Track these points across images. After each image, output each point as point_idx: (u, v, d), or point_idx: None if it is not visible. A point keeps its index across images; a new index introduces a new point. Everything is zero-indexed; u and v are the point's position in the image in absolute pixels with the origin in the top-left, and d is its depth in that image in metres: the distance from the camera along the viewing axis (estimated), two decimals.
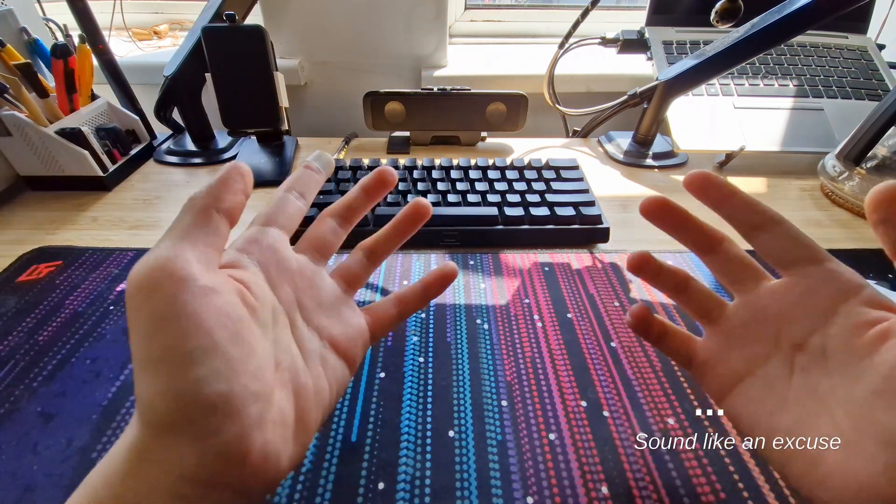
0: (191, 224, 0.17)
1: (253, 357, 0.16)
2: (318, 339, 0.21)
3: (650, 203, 0.21)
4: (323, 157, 0.24)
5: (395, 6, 0.63)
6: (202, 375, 0.14)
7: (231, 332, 0.16)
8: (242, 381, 0.15)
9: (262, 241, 0.20)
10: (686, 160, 0.55)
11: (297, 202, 0.22)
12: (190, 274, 0.15)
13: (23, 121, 0.42)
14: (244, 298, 0.17)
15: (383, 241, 0.24)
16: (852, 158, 0.45)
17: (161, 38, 0.80)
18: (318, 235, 0.23)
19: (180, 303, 0.15)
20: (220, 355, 0.15)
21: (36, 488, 0.22)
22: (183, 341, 0.14)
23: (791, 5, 0.43)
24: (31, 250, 0.38)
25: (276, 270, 0.20)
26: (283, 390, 0.18)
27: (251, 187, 0.19)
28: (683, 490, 0.22)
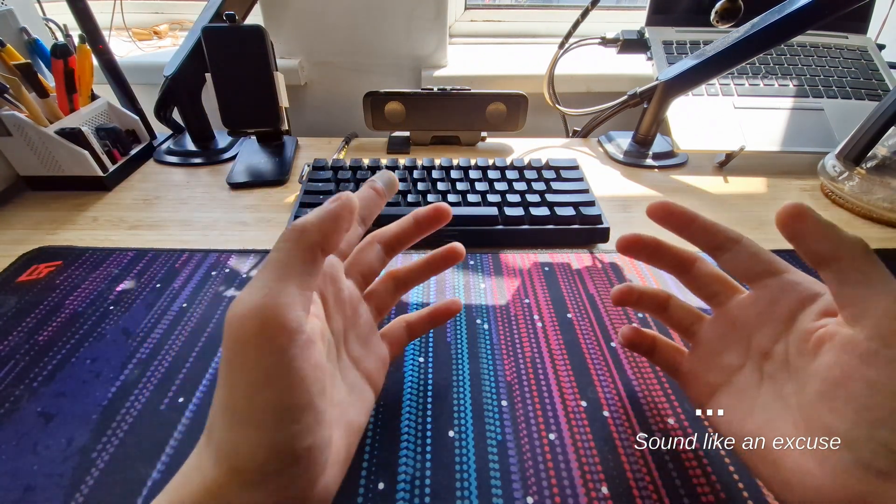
0: (297, 262, 0.16)
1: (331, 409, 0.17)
2: (356, 370, 0.21)
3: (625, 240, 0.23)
4: (387, 178, 0.22)
5: (395, 6, 0.63)
6: (297, 431, 0.14)
7: (321, 385, 0.16)
8: (324, 432, 0.16)
9: (324, 271, 0.20)
10: (686, 160, 0.55)
11: (357, 228, 0.22)
12: (298, 325, 0.15)
13: (23, 121, 0.42)
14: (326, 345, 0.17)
15: (416, 272, 0.25)
16: (852, 158, 0.45)
17: (161, 38, 0.80)
18: (367, 262, 0.23)
19: (289, 358, 0.14)
20: (313, 411, 0.15)
21: (36, 488, 0.22)
22: (288, 397, 0.14)
23: (791, 5, 0.43)
24: (31, 250, 0.38)
25: (333, 301, 0.20)
26: (338, 430, 0.18)
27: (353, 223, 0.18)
28: (683, 490, 0.22)
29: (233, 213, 0.45)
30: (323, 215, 0.16)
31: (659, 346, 0.24)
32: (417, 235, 0.24)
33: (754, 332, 0.20)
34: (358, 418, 0.19)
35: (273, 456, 0.14)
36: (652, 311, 0.24)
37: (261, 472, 0.14)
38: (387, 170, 0.24)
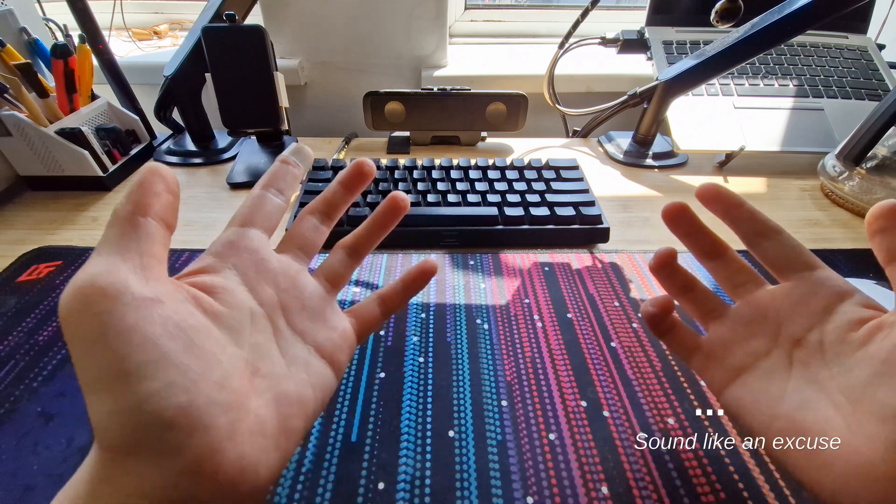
0: (118, 236, 0.15)
1: (216, 366, 0.15)
2: (303, 343, 0.20)
3: (672, 209, 0.22)
4: (301, 151, 0.23)
5: (395, 6, 0.63)
6: (153, 390, 0.13)
7: (184, 342, 0.15)
8: (205, 391, 0.14)
9: (240, 243, 0.20)
10: (686, 160, 0.55)
11: (274, 199, 0.21)
12: (124, 286, 0.14)
13: (23, 121, 0.42)
14: (201, 304, 0.17)
15: (364, 238, 0.24)
16: (852, 158, 0.45)
17: (161, 38, 0.80)
18: (300, 234, 0.22)
19: (117, 317, 0.14)
20: (173, 367, 0.14)
21: (36, 488, 0.22)
22: (126, 357, 0.13)
23: (791, 5, 0.43)
24: (31, 250, 0.38)
25: (256, 272, 0.19)
26: (261, 398, 0.17)
27: (176, 185, 0.17)
28: (683, 490, 0.22)
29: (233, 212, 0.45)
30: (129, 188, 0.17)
31: (677, 327, 0.24)
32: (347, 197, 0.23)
33: (785, 321, 0.20)
34: (298, 390, 0.18)
35: (129, 421, 0.13)
36: (678, 289, 0.23)
37: (125, 442, 0.13)
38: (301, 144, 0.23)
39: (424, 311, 0.33)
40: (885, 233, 0.18)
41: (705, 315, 0.23)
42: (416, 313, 0.33)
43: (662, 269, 0.23)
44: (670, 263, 0.23)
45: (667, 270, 0.23)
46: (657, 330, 0.24)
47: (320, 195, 0.23)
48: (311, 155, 0.24)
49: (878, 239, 0.18)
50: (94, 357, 0.13)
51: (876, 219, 0.18)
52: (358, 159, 0.23)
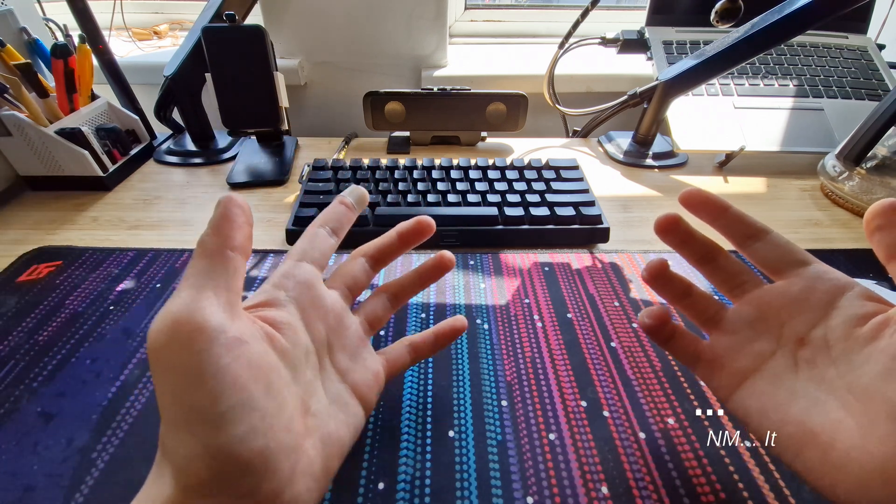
0: (208, 268, 0.16)
1: (285, 408, 0.16)
2: (342, 382, 0.20)
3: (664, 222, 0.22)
4: (357, 193, 0.24)
5: (395, 6, 0.63)
6: (240, 434, 0.14)
7: (265, 384, 0.15)
8: (278, 435, 0.15)
9: (297, 277, 0.20)
10: (686, 160, 0.55)
11: (329, 239, 0.22)
12: (218, 325, 0.15)
13: (23, 121, 0.42)
14: (273, 343, 0.17)
15: (407, 286, 0.25)
16: (852, 158, 0.45)
17: (161, 38, 0.80)
18: (350, 273, 0.23)
19: (212, 358, 0.14)
20: (256, 411, 0.14)
21: (36, 488, 0.22)
22: (218, 399, 0.14)
23: (791, 5, 0.43)
24: (31, 250, 0.38)
25: (311, 308, 0.20)
26: (311, 439, 0.17)
27: (251, 215, 0.18)
28: (683, 490, 0.22)
29: None
30: (214, 219, 0.17)
31: (679, 333, 0.23)
32: (402, 249, 0.25)
33: (787, 320, 0.20)
34: (339, 431, 0.19)
35: (215, 464, 0.14)
36: (675, 296, 0.23)
37: (207, 484, 0.14)
38: (358, 186, 0.24)
39: (424, 311, 0.33)
40: (884, 230, 0.18)
41: (706, 320, 0.22)
42: (416, 313, 0.33)
43: (656, 280, 0.23)
44: (663, 273, 0.23)
45: (660, 280, 0.23)
46: (657, 339, 0.23)
47: (376, 241, 0.24)
48: (367, 199, 0.25)
49: (877, 237, 0.18)
50: (187, 396, 0.14)
51: (874, 217, 0.18)
52: (421, 217, 0.24)
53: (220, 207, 0.17)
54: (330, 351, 0.21)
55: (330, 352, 0.21)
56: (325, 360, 0.20)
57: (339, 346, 0.21)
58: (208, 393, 0.14)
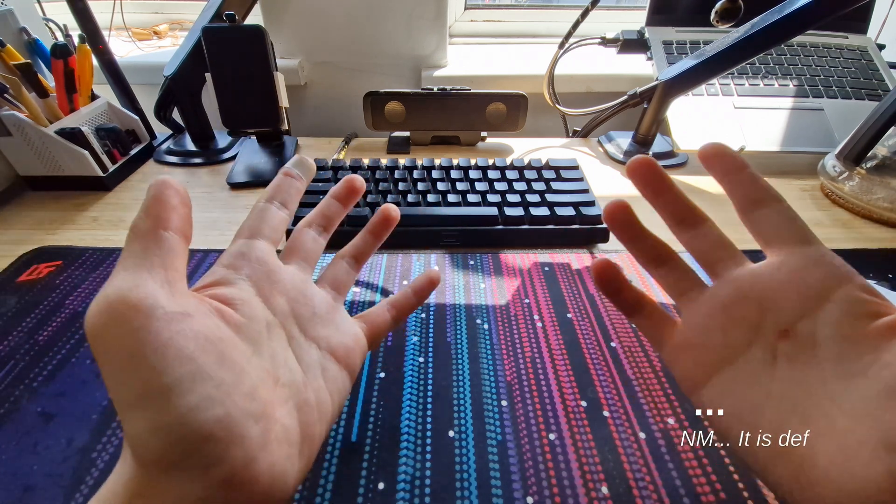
0: (141, 250, 0.15)
1: (245, 377, 0.15)
2: (317, 349, 0.20)
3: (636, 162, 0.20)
4: (303, 163, 0.24)
5: (395, 6, 0.63)
6: (193, 404, 0.13)
7: (215, 355, 0.15)
8: (238, 402, 0.15)
9: (250, 255, 0.20)
10: (686, 160, 0.55)
11: (279, 212, 0.22)
12: (155, 301, 0.14)
13: (23, 121, 0.42)
14: (225, 317, 0.17)
15: (361, 246, 0.25)
16: (852, 158, 0.45)
17: (161, 38, 0.80)
18: (301, 245, 0.23)
19: (152, 333, 0.14)
20: (208, 380, 0.14)
21: (36, 488, 0.22)
22: (162, 373, 0.13)
23: (791, 5, 0.43)
24: (31, 250, 0.38)
25: (268, 283, 0.20)
26: (284, 406, 0.17)
27: (188, 197, 0.18)
28: (683, 490, 0.22)
29: (233, 213, 0.45)
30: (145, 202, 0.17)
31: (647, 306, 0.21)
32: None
33: (770, 306, 0.17)
34: (318, 396, 0.19)
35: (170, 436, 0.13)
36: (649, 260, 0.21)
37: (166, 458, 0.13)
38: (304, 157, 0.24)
39: (424, 310, 0.33)
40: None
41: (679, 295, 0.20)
42: (416, 313, 0.33)
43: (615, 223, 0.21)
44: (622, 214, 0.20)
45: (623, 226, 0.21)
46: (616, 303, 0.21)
47: (316, 208, 0.24)
48: (314, 167, 0.24)
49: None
50: (131, 374, 0.13)
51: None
52: (348, 176, 0.25)
53: (152, 190, 0.17)
54: (299, 322, 0.20)
55: (299, 323, 0.20)
56: (294, 330, 0.20)
57: (308, 316, 0.20)
58: (151, 368, 0.13)
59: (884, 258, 0.38)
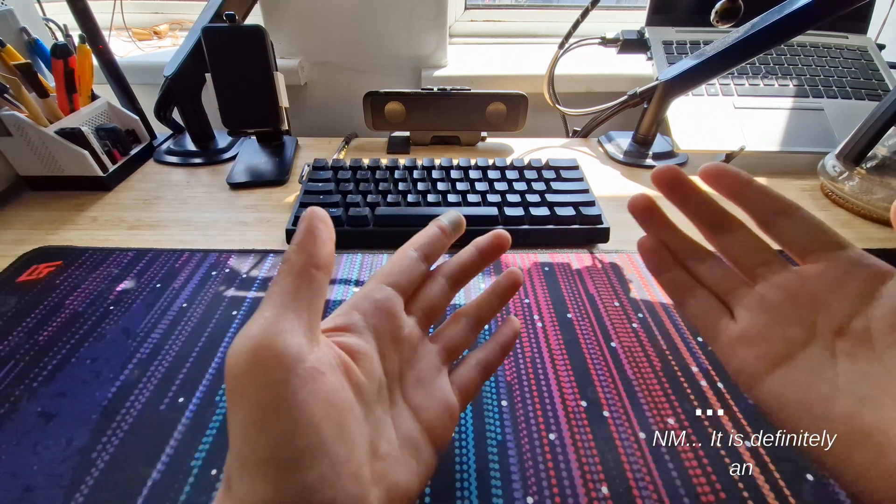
0: (292, 288, 0.15)
1: (356, 453, 0.15)
2: (414, 421, 0.18)
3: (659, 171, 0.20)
4: (455, 219, 0.23)
5: (395, 6, 0.63)
6: (310, 483, 0.13)
7: (336, 425, 0.14)
8: (345, 486, 0.14)
9: (380, 303, 0.19)
10: (686, 160, 0.55)
11: (421, 265, 0.21)
12: (297, 352, 0.14)
13: (23, 121, 0.42)
14: (350, 375, 0.16)
15: (486, 308, 0.23)
16: (852, 158, 0.45)
17: (161, 38, 0.80)
18: (430, 298, 0.21)
19: (290, 390, 0.13)
20: (326, 457, 0.13)
21: (36, 488, 0.22)
22: (292, 440, 0.13)
23: (791, 5, 0.43)
24: (31, 250, 0.38)
25: (389, 337, 0.18)
26: (377, 488, 0.15)
27: (334, 230, 0.17)
28: (683, 490, 0.22)
29: (233, 213, 0.45)
30: (298, 234, 0.16)
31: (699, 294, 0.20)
32: (482, 266, 0.23)
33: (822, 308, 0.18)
34: (407, 480, 0.17)
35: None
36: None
37: None
38: (454, 211, 0.23)
39: None
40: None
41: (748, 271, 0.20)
42: None
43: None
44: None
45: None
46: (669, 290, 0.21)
47: (454, 259, 0.23)
48: (464, 225, 0.23)
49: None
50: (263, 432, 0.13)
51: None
52: (498, 231, 0.23)
53: (305, 222, 0.16)
54: (402, 384, 0.19)
55: (402, 385, 0.19)
56: (397, 394, 0.18)
57: (413, 378, 0.19)
58: (282, 432, 0.13)
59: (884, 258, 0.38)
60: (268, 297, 0.15)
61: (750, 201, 0.19)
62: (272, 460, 0.13)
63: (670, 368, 0.29)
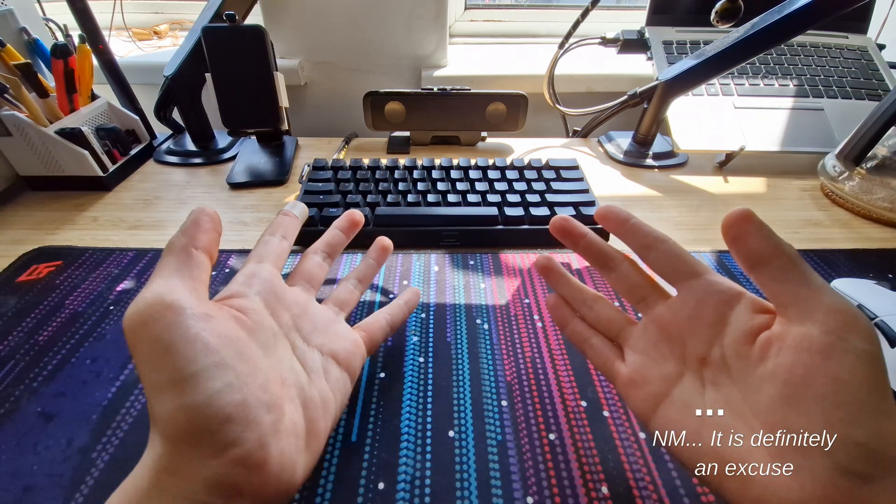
0: (174, 262, 0.18)
1: (258, 372, 0.17)
2: (320, 355, 0.23)
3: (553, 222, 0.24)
4: (299, 206, 0.27)
5: (395, 6, 0.63)
6: (217, 388, 0.15)
7: (234, 350, 0.17)
8: (254, 392, 0.16)
9: (259, 275, 0.22)
10: (686, 160, 0.55)
11: (281, 243, 0.25)
12: (186, 303, 0.17)
13: (23, 121, 0.42)
14: (240, 322, 0.19)
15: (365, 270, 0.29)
16: (852, 158, 0.45)
17: (161, 38, 0.80)
18: (307, 269, 0.26)
19: (183, 327, 0.16)
20: (230, 369, 0.16)
21: (36, 488, 0.22)
22: (192, 362, 0.15)
23: (791, 5, 0.43)
24: (31, 250, 0.38)
25: (274, 299, 0.22)
26: (291, 403, 0.19)
27: (220, 224, 0.21)
28: (683, 490, 0.22)
29: (233, 213, 0.45)
30: (184, 224, 0.20)
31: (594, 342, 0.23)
32: (345, 240, 0.29)
33: (687, 338, 0.19)
34: (322, 395, 0.21)
35: (195, 415, 0.15)
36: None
37: (190, 434, 0.15)
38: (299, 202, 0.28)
39: (424, 311, 0.33)
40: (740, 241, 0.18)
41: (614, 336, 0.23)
42: (416, 313, 0.33)
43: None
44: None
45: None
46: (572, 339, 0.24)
47: (322, 237, 0.28)
48: (307, 211, 0.28)
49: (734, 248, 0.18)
50: (164, 362, 0.15)
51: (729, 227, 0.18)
52: (349, 210, 0.29)
53: (191, 215, 0.20)
54: (301, 333, 0.23)
55: (302, 334, 0.23)
56: (298, 340, 0.22)
57: (310, 327, 0.23)
58: (182, 357, 0.15)
59: (884, 258, 0.38)
60: (153, 273, 0.18)
61: (628, 236, 0.22)
62: (176, 379, 0.15)
63: None
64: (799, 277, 0.16)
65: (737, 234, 0.18)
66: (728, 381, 0.18)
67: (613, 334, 0.23)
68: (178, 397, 0.15)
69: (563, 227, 0.24)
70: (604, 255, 0.23)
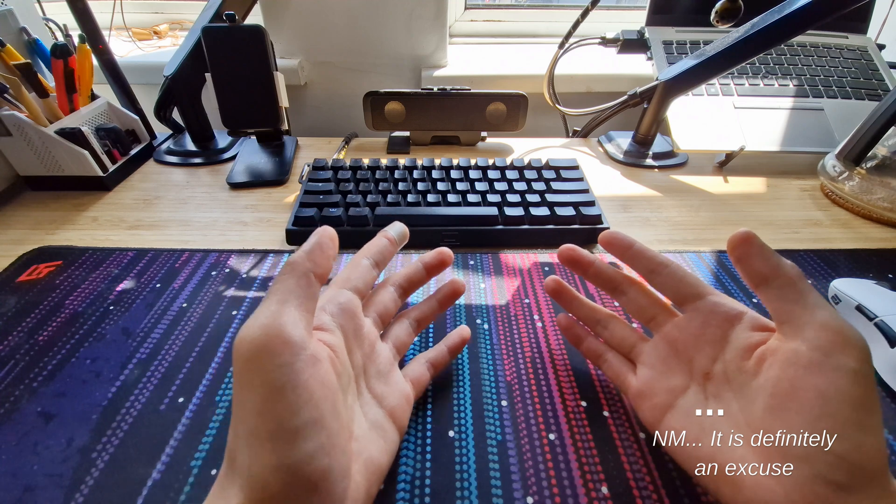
0: (294, 287, 0.17)
1: (344, 430, 0.17)
2: (379, 407, 0.21)
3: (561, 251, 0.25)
4: (399, 229, 0.26)
5: (395, 6, 0.63)
6: (311, 451, 0.15)
7: (331, 404, 0.16)
8: (338, 457, 0.16)
9: (344, 305, 0.21)
10: (686, 160, 0.55)
11: (372, 270, 0.24)
12: (301, 340, 0.16)
13: (23, 121, 0.42)
14: (334, 366, 0.18)
15: (427, 312, 0.27)
16: (852, 158, 0.45)
17: (161, 38, 0.80)
18: (383, 303, 0.25)
19: (296, 371, 0.15)
20: (325, 429, 0.15)
21: (36, 488, 0.22)
22: (296, 414, 0.15)
23: (791, 5, 0.43)
24: (31, 250, 0.38)
25: (352, 335, 0.21)
26: (357, 463, 0.18)
27: (337, 251, 0.20)
28: (683, 490, 0.22)
29: (233, 213, 0.45)
30: (308, 246, 0.19)
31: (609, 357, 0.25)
32: (426, 279, 0.27)
33: (693, 354, 0.21)
34: (379, 456, 0.19)
35: (288, 478, 0.14)
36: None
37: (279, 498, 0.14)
38: (399, 222, 0.26)
39: None
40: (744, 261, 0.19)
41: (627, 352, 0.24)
42: None
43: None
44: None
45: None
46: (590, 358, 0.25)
47: (403, 271, 0.27)
48: (408, 234, 0.27)
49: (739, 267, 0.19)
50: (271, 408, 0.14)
51: (734, 248, 0.19)
52: (442, 249, 0.27)
53: (317, 236, 0.19)
54: (366, 377, 0.22)
55: (366, 378, 0.22)
56: (363, 385, 0.21)
57: (374, 371, 0.22)
58: (289, 406, 0.14)
59: (884, 258, 0.38)
60: (272, 292, 0.17)
61: (632, 262, 0.23)
62: (279, 430, 0.14)
63: None
64: (795, 296, 0.17)
65: (740, 256, 0.19)
66: (729, 394, 0.19)
67: (626, 350, 0.24)
68: (277, 455, 0.14)
69: (570, 257, 0.24)
70: (613, 282, 0.24)
